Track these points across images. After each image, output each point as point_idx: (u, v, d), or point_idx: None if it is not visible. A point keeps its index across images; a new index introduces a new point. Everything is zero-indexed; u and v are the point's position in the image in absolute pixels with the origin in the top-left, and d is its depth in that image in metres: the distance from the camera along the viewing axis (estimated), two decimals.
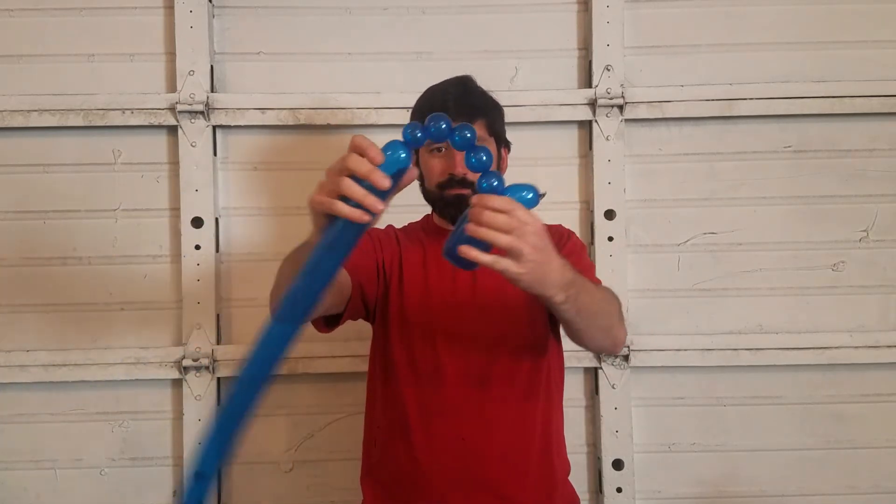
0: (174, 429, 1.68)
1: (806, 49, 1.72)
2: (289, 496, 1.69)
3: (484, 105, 1.20)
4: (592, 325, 1.01)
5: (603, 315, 1.02)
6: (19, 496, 1.67)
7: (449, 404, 1.15)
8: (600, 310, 1.01)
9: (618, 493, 1.65)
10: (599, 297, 1.01)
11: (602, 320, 1.02)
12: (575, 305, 0.92)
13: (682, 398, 1.70)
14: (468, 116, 1.15)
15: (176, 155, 1.67)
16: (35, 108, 1.65)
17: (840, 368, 1.68)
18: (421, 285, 1.20)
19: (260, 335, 0.81)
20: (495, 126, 1.22)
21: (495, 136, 1.22)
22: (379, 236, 1.25)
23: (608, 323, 1.04)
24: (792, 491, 1.70)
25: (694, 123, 1.70)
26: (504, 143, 1.27)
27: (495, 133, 1.22)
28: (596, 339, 1.06)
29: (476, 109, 1.18)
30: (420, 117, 1.21)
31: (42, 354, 1.64)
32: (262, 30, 1.72)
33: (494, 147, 1.21)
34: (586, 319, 0.98)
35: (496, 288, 1.16)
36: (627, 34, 1.70)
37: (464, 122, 1.13)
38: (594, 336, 1.04)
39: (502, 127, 1.25)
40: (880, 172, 1.71)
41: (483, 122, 1.18)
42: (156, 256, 1.69)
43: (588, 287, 0.97)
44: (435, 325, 1.17)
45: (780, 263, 1.71)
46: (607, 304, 1.04)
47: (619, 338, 1.09)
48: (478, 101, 1.20)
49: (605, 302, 1.03)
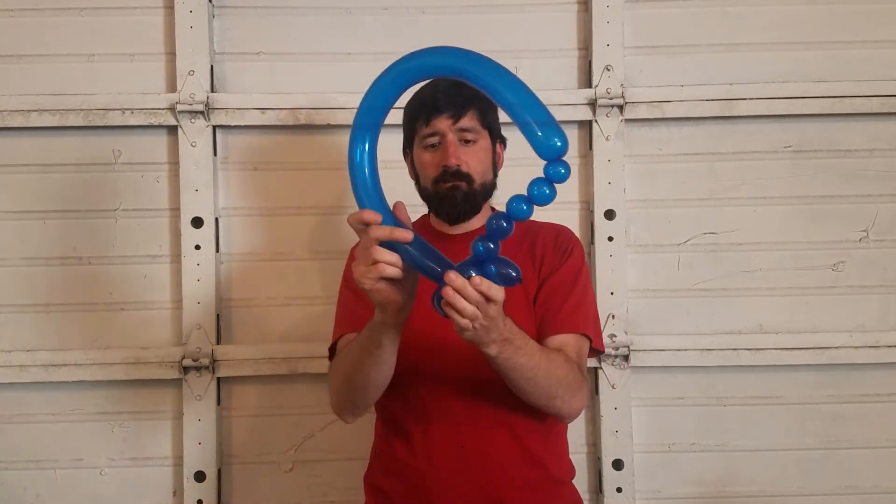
0: (174, 429, 1.68)
1: (806, 49, 1.72)
2: (289, 496, 1.69)
3: (475, 96, 1.17)
4: (527, 388, 1.04)
5: (542, 382, 1.03)
6: (19, 496, 1.67)
7: (446, 412, 1.14)
8: (540, 376, 1.02)
9: (618, 493, 1.65)
10: (544, 364, 1.02)
11: (539, 387, 1.04)
12: (507, 363, 0.98)
13: (682, 398, 1.70)
14: (458, 107, 1.15)
15: (176, 155, 1.67)
16: (35, 108, 1.65)
17: (840, 368, 1.68)
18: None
19: None
20: (487, 118, 1.19)
21: (488, 128, 1.20)
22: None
23: (549, 392, 1.05)
24: (792, 491, 1.70)
25: (694, 123, 1.70)
26: (499, 137, 1.25)
27: (488, 125, 1.20)
28: (533, 402, 1.07)
29: (466, 100, 1.16)
30: (409, 113, 1.21)
31: (42, 354, 1.64)
32: (262, 30, 1.72)
33: (488, 138, 1.20)
34: (519, 381, 1.02)
35: None
36: (627, 34, 1.70)
37: (454, 111, 1.15)
38: (530, 399, 1.06)
39: (496, 121, 1.23)
40: (880, 172, 1.71)
41: (474, 113, 1.16)
42: (156, 256, 1.69)
43: (532, 353, 1.01)
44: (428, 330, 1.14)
45: (780, 263, 1.71)
46: (554, 374, 1.05)
47: (563, 409, 1.09)
48: (468, 91, 1.17)
49: (550, 371, 1.04)
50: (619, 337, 1.65)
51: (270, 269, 1.69)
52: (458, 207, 1.18)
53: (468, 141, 1.17)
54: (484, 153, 1.19)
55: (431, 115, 1.16)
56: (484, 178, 1.19)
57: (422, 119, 1.18)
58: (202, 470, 1.64)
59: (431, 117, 1.16)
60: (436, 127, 1.16)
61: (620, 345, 1.64)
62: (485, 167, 1.19)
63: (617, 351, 1.64)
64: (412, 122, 1.21)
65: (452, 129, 1.16)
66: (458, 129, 1.16)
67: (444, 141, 1.16)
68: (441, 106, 1.16)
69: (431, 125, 1.17)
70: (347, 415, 1.17)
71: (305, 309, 1.69)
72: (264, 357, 1.65)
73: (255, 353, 1.66)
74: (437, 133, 1.17)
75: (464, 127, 1.16)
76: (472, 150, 1.17)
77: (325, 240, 1.68)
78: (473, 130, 1.17)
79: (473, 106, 1.17)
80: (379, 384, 1.09)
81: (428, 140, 1.18)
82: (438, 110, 1.16)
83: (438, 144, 1.17)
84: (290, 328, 1.70)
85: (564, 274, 1.19)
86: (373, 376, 1.06)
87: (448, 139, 1.16)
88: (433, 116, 1.16)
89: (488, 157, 1.20)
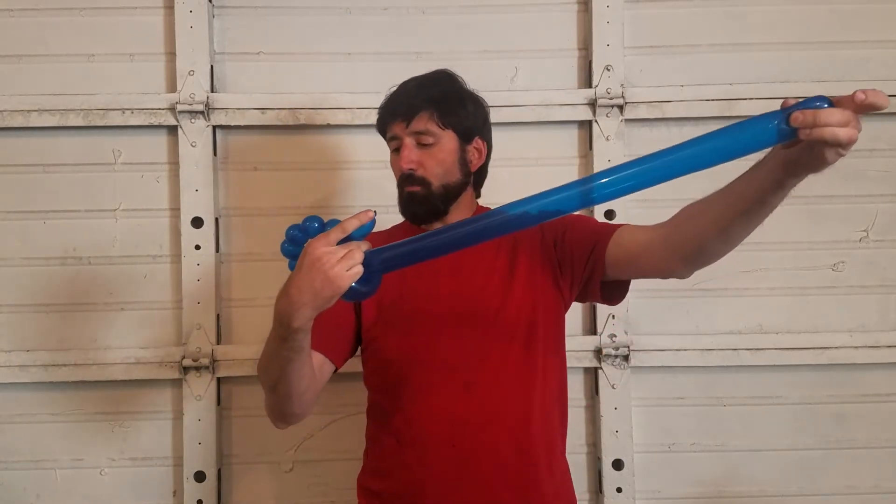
0: (174, 429, 1.68)
1: (806, 49, 1.72)
2: (289, 496, 1.69)
3: (432, 97, 1.17)
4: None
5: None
6: (19, 496, 1.67)
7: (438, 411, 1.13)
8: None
9: (618, 493, 1.65)
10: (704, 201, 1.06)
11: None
12: None
13: (682, 398, 1.70)
14: (411, 110, 1.16)
15: (176, 155, 1.67)
16: (35, 108, 1.65)
17: (840, 368, 1.68)
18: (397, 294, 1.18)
19: None
20: (449, 118, 1.17)
21: (453, 128, 1.18)
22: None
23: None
24: (792, 491, 1.70)
25: (694, 123, 1.70)
26: (477, 133, 1.23)
27: (451, 125, 1.18)
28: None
29: (421, 102, 1.16)
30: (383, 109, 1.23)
31: (42, 354, 1.64)
32: (262, 30, 1.72)
33: (454, 138, 1.18)
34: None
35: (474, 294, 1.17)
36: (627, 34, 1.70)
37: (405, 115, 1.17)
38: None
39: (465, 118, 1.19)
40: (880, 172, 1.71)
41: (430, 115, 1.16)
42: (156, 256, 1.69)
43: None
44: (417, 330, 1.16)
45: (780, 263, 1.71)
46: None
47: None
48: (427, 92, 1.18)
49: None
50: (619, 337, 1.65)
51: (270, 269, 1.69)
52: (413, 210, 1.19)
53: (425, 144, 1.17)
54: (445, 154, 1.18)
55: (387, 119, 1.20)
56: (445, 180, 1.18)
57: (383, 124, 1.22)
58: (202, 470, 1.64)
59: (387, 122, 1.20)
60: (393, 131, 1.19)
61: (620, 345, 1.64)
62: (445, 168, 1.18)
63: (617, 351, 1.64)
64: (381, 130, 1.25)
65: (406, 133, 1.17)
66: (411, 132, 1.17)
67: (400, 145, 1.18)
68: (394, 110, 1.19)
69: (390, 130, 1.20)
70: (280, 422, 1.17)
71: None
72: None
73: (255, 353, 1.66)
74: (396, 137, 1.19)
75: (417, 130, 1.16)
76: (429, 153, 1.17)
77: None
78: (429, 133, 1.16)
79: (427, 108, 1.16)
80: (302, 390, 1.08)
81: (391, 145, 1.22)
82: (393, 115, 1.19)
83: (399, 149, 1.19)
84: None
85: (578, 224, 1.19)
86: (295, 384, 1.06)
87: (403, 143, 1.18)
88: (388, 121, 1.20)
89: (451, 158, 1.19)
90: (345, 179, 1.70)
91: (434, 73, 1.24)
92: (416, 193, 1.17)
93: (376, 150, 1.68)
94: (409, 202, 1.19)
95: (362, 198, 1.70)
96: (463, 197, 1.22)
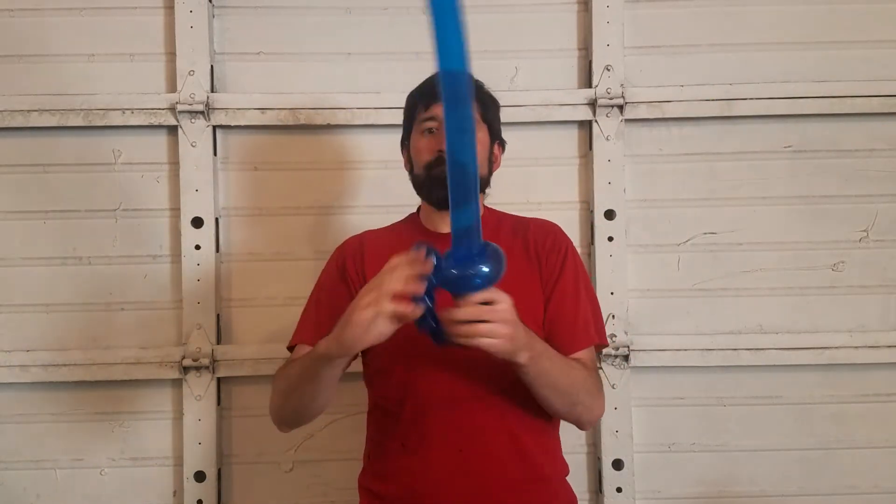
0: (174, 429, 1.68)
1: (806, 49, 1.72)
2: (289, 496, 1.69)
3: (479, 90, 1.19)
4: (552, 395, 1.06)
5: (566, 387, 1.06)
6: (19, 496, 1.67)
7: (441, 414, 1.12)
8: (563, 381, 1.05)
9: (618, 493, 1.65)
10: (566, 368, 1.06)
11: (564, 393, 1.06)
12: (536, 368, 1.00)
13: (682, 398, 1.70)
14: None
15: (176, 155, 1.67)
16: (35, 108, 1.65)
17: (840, 368, 1.68)
18: None
19: None
20: (488, 115, 1.21)
21: (489, 125, 1.22)
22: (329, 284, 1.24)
23: (572, 398, 1.08)
24: (792, 491, 1.70)
25: (694, 123, 1.70)
26: (498, 137, 1.27)
27: (488, 122, 1.21)
28: (555, 410, 1.10)
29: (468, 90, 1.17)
30: (410, 101, 1.24)
31: (42, 354, 1.64)
32: (262, 30, 1.72)
33: (487, 134, 1.21)
34: (545, 388, 1.04)
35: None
36: (627, 34, 1.70)
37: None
38: (554, 406, 1.08)
39: (497, 121, 1.25)
40: (880, 172, 1.71)
41: (475, 105, 1.15)
42: (156, 256, 1.69)
43: (552, 356, 1.04)
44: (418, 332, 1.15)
45: (780, 263, 1.71)
46: (575, 378, 1.08)
47: (584, 416, 1.12)
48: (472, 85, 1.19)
49: (571, 375, 1.07)
50: (619, 337, 1.65)
51: (270, 269, 1.69)
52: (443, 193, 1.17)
53: None
54: (481, 146, 1.19)
55: (431, 101, 1.19)
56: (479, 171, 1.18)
57: (421, 105, 1.21)
58: (202, 470, 1.64)
59: (431, 103, 1.19)
60: (434, 112, 1.19)
61: (620, 345, 1.64)
62: (480, 159, 1.18)
63: (617, 351, 1.64)
64: (412, 110, 1.24)
65: None
66: None
67: (441, 126, 1.18)
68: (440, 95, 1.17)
69: (430, 110, 1.19)
70: (283, 426, 1.19)
71: None
72: (264, 357, 1.65)
73: (255, 353, 1.66)
74: (435, 118, 1.18)
75: None
76: None
77: (325, 240, 1.68)
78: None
79: (474, 98, 1.16)
80: (315, 411, 1.11)
81: (425, 125, 1.21)
82: (439, 97, 1.16)
83: (436, 130, 1.19)
84: (289, 328, 1.68)
85: (567, 281, 1.19)
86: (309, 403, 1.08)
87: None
88: (433, 102, 1.19)
89: (484, 152, 1.21)
90: (345, 179, 1.70)
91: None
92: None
93: (377, 150, 1.68)
94: (442, 181, 1.16)
95: (363, 198, 1.70)
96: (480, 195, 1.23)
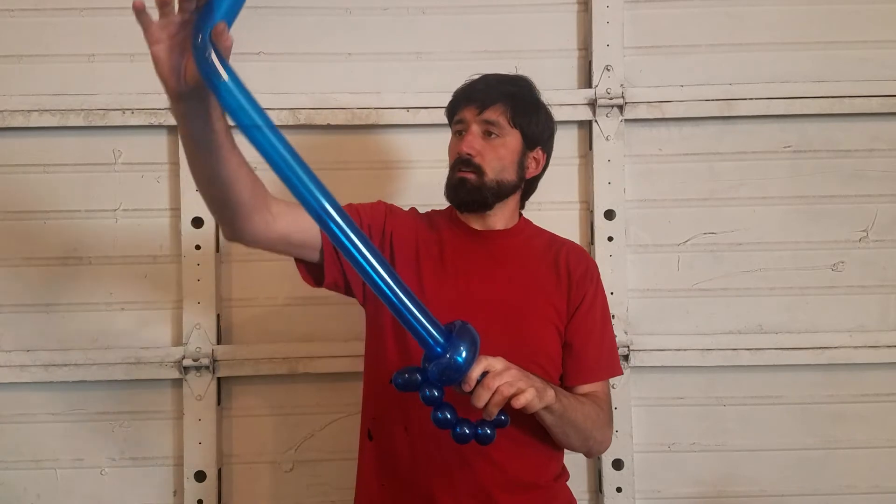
0: (174, 429, 1.68)
1: (806, 49, 1.72)
2: (289, 496, 1.69)
3: (512, 94, 1.19)
4: (569, 433, 1.10)
5: (581, 424, 1.10)
6: (19, 496, 1.67)
7: None
8: (579, 419, 1.09)
9: (618, 493, 1.65)
10: (578, 406, 1.10)
11: (579, 430, 1.10)
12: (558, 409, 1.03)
13: (682, 398, 1.70)
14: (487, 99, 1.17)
15: (176, 155, 1.67)
16: (35, 108, 1.65)
17: (839, 368, 1.68)
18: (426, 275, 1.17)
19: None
20: (520, 118, 1.18)
21: (520, 129, 1.19)
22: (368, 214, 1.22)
23: (585, 434, 1.12)
24: (792, 491, 1.70)
25: (694, 123, 1.71)
26: (539, 144, 1.24)
27: (520, 126, 1.19)
28: (571, 445, 1.15)
29: (499, 95, 1.18)
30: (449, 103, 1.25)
31: (42, 354, 1.64)
32: (262, 30, 1.72)
33: (519, 139, 1.19)
34: (565, 426, 1.08)
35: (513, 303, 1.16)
36: (627, 34, 1.70)
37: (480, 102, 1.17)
38: (570, 443, 1.13)
39: (535, 125, 1.21)
40: (880, 172, 1.71)
41: (503, 109, 1.17)
42: (156, 256, 1.69)
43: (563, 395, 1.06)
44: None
45: (780, 263, 1.71)
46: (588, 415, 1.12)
47: (594, 448, 1.17)
48: (507, 88, 1.19)
49: (585, 412, 1.11)
50: (619, 337, 1.65)
51: (270, 269, 1.69)
52: (460, 196, 1.18)
53: (491, 134, 1.18)
54: (507, 151, 1.18)
55: (461, 103, 1.21)
56: (500, 176, 1.18)
57: (455, 107, 1.23)
58: (202, 470, 1.64)
59: (461, 105, 1.21)
60: (463, 114, 1.20)
61: (620, 345, 1.64)
62: (503, 164, 1.18)
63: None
64: (449, 113, 1.26)
65: (476, 120, 1.17)
66: (481, 120, 1.17)
67: (466, 130, 1.19)
68: (470, 96, 1.19)
69: (459, 113, 1.21)
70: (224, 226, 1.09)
71: (305, 309, 1.69)
72: (264, 357, 1.65)
73: (255, 353, 1.66)
74: (463, 121, 1.20)
75: (488, 119, 1.17)
76: (492, 145, 1.18)
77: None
78: (497, 125, 1.17)
79: (503, 102, 1.17)
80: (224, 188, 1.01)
81: (455, 127, 1.22)
82: (468, 100, 1.20)
83: (463, 133, 1.20)
84: (290, 328, 1.70)
85: (596, 312, 1.21)
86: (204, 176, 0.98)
87: (469, 128, 1.18)
88: (462, 105, 1.20)
89: (511, 157, 1.19)
90: (345, 179, 1.70)
91: (517, 75, 1.26)
92: (468, 180, 1.16)
93: (377, 151, 1.68)
94: (459, 186, 1.17)
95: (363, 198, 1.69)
96: (510, 199, 1.23)
